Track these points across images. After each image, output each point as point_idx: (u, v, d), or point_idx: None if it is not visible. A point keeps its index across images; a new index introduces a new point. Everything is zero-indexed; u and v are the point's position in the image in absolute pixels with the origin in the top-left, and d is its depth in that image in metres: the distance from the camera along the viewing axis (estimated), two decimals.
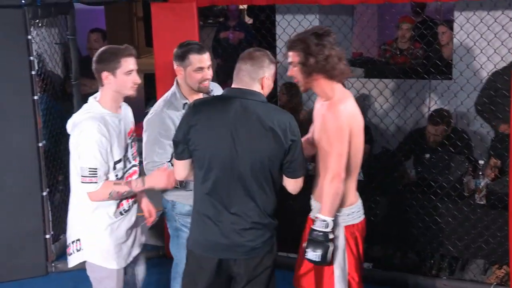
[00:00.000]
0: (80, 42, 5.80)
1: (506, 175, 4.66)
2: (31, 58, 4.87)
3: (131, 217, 3.46)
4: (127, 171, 3.40)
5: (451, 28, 5.89)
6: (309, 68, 3.20)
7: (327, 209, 3.20)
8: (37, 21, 5.03)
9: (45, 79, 5.24)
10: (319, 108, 3.35)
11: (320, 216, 3.20)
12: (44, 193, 5.06)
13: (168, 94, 3.75)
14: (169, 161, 3.60)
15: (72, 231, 3.41)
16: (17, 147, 4.91)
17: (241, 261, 3.08)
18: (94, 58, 3.30)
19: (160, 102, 3.73)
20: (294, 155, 3.01)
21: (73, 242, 3.39)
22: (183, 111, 3.57)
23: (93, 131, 3.17)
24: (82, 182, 3.21)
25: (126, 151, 3.37)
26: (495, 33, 4.70)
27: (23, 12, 4.77)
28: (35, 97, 4.93)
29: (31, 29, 4.88)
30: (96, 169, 3.19)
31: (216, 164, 3.02)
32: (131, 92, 3.30)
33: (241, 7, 9.13)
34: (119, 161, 3.32)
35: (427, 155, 5.13)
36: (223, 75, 6.49)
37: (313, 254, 3.20)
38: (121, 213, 3.38)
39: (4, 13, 4.73)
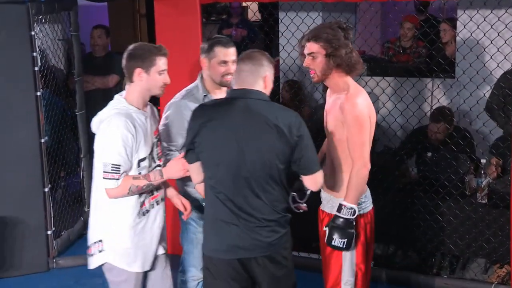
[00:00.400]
0: (83, 39, 5.81)
1: (508, 174, 4.66)
2: (34, 54, 4.88)
3: (155, 217, 3.38)
4: (151, 170, 3.33)
5: (454, 27, 5.88)
6: (337, 60, 3.25)
7: (354, 196, 3.28)
8: (41, 17, 5.03)
9: (47, 75, 5.24)
10: (333, 102, 3.38)
11: (347, 203, 3.25)
12: (46, 189, 5.07)
13: (191, 85, 3.79)
14: (178, 150, 3.65)
15: (94, 231, 3.33)
16: (20, 143, 4.91)
17: (260, 259, 3.08)
18: (125, 55, 3.24)
19: (182, 92, 3.77)
20: (302, 151, 3.00)
21: (95, 242, 3.30)
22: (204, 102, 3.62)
23: (120, 127, 3.13)
24: (104, 178, 3.15)
25: (151, 150, 3.32)
26: (498, 31, 4.70)
27: (26, 8, 4.78)
28: (38, 93, 4.94)
29: (35, 25, 4.88)
30: (119, 165, 3.13)
31: (223, 165, 3.02)
32: (160, 92, 3.27)
33: (244, 4, 9.12)
34: (144, 159, 3.25)
35: (429, 154, 5.13)
36: None
37: (339, 241, 3.25)
38: (143, 214, 3.30)
39: (8, 9, 4.74)
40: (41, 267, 5.11)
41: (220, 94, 3.69)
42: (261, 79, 3.07)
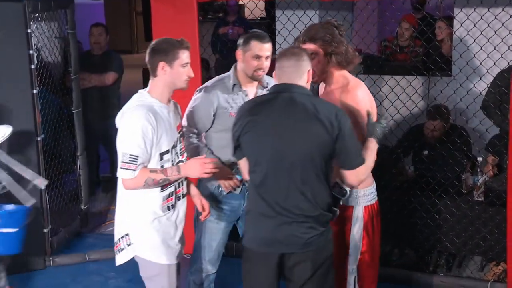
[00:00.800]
0: (79, 37, 5.80)
1: (505, 172, 4.67)
2: (31, 52, 4.86)
3: (178, 213, 3.38)
4: (174, 165, 3.32)
5: (451, 25, 5.89)
6: (338, 58, 3.31)
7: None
8: (37, 15, 5.02)
9: (43, 73, 5.23)
10: (331, 95, 3.41)
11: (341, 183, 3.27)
12: (43, 187, 5.05)
13: (224, 74, 3.85)
14: (198, 135, 3.73)
15: (121, 226, 3.33)
16: (16, 140, 4.89)
17: (295, 256, 3.08)
18: (149, 50, 3.25)
19: (214, 79, 3.85)
20: (344, 145, 3.01)
21: (122, 237, 3.31)
22: (232, 93, 3.71)
23: (140, 118, 3.13)
24: (121, 168, 3.15)
25: (175, 144, 3.31)
26: (495, 30, 4.71)
27: (23, 6, 4.76)
28: (34, 91, 4.92)
29: (31, 23, 4.87)
30: (137, 156, 3.13)
31: (265, 158, 3.05)
32: (184, 85, 3.27)
33: (240, 2, 9.12)
34: (167, 152, 3.25)
35: (426, 152, 5.14)
36: (222, 70, 6.51)
37: None
38: (168, 208, 3.31)
39: (4, 7, 4.72)
40: (37, 265, 5.10)
41: (251, 87, 3.76)
42: (304, 74, 3.11)
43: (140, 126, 3.13)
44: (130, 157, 3.13)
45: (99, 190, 6.66)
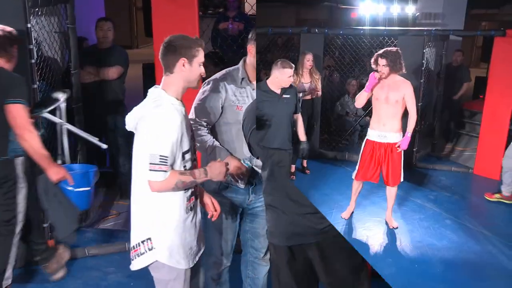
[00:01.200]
0: (83, 32, 5.79)
1: None
2: (31, 46, 4.86)
3: (197, 213, 3.35)
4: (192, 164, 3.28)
5: None
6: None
7: None
8: (37, 9, 5.02)
9: (43, 68, 5.22)
10: None
11: None
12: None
13: (233, 67, 3.85)
14: (207, 127, 3.72)
15: (141, 230, 3.24)
16: None
17: (314, 246, 3.10)
18: (165, 46, 3.14)
19: (223, 71, 3.84)
20: None
21: (143, 241, 3.22)
22: (240, 87, 3.72)
23: (165, 117, 3.06)
24: (150, 170, 3.03)
25: (191, 143, 3.26)
26: None
27: (23, 0, 4.76)
28: (35, 86, 4.92)
29: (31, 18, 4.86)
30: (167, 157, 3.04)
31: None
32: (196, 84, 3.21)
33: None
34: (188, 151, 3.19)
35: None
36: (222, 65, 6.51)
37: None
38: (191, 209, 3.26)
39: (4, 1, 4.71)
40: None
41: None
42: None
43: (166, 125, 3.05)
44: (160, 158, 3.03)
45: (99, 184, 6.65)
